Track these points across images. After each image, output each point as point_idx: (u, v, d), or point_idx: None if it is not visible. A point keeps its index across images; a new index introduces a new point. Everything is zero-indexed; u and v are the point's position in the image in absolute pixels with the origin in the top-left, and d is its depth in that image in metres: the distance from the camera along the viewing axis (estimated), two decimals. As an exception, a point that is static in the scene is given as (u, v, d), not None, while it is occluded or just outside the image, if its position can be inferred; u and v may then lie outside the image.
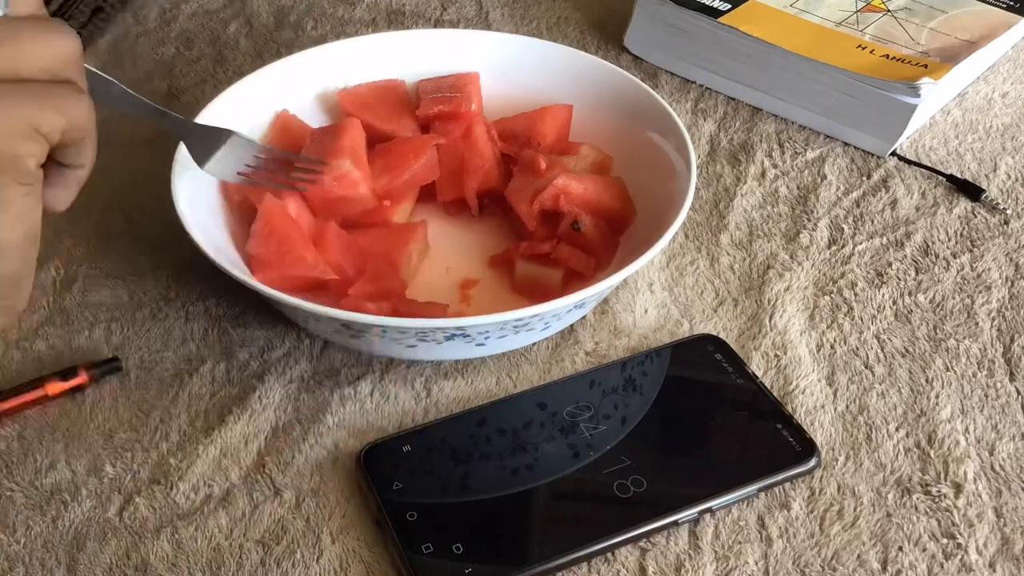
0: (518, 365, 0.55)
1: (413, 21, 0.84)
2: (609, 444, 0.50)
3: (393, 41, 0.68)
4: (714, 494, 0.48)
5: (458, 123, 0.64)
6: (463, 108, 0.64)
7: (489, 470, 0.49)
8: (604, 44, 0.81)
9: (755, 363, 0.56)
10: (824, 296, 0.60)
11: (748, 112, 0.74)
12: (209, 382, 0.54)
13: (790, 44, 0.72)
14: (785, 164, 0.70)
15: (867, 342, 0.57)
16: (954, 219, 0.66)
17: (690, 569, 0.46)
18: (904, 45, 0.73)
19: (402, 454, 0.50)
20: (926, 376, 0.55)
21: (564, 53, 0.68)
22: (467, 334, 0.51)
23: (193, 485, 0.49)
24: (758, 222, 0.65)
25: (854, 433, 0.52)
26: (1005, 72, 0.79)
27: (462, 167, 0.62)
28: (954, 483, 0.50)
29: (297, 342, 0.56)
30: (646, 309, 0.59)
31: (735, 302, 0.59)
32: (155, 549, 0.47)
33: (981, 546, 0.48)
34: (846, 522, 0.48)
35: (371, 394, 0.54)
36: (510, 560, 0.45)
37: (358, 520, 0.48)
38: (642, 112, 0.63)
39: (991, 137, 0.73)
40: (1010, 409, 0.54)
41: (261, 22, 0.83)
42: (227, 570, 0.46)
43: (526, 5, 0.85)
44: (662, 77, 0.78)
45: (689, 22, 0.75)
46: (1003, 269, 0.62)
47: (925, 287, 0.61)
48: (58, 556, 0.46)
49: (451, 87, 0.66)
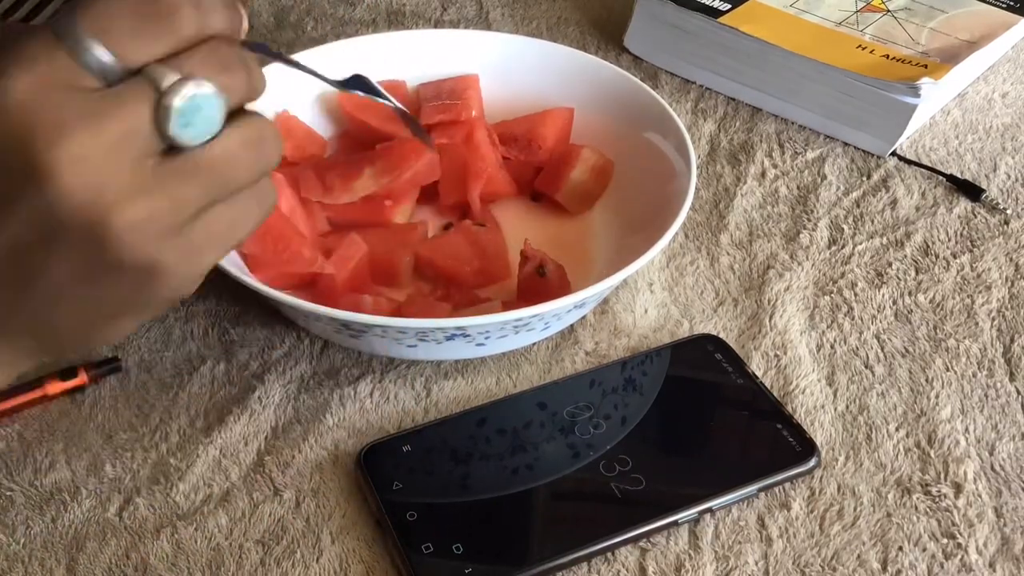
0: (518, 365, 0.55)
1: (413, 21, 0.84)
2: (609, 444, 0.50)
3: (393, 41, 0.68)
4: (714, 494, 0.48)
5: (459, 128, 0.64)
6: (463, 115, 0.64)
7: (489, 470, 0.49)
8: (604, 44, 0.81)
9: (755, 363, 0.56)
10: (824, 296, 0.60)
11: (748, 112, 0.74)
12: (209, 382, 0.54)
13: (790, 44, 0.72)
14: (785, 164, 0.70)
15: (867, 342, 0.57)
16: (954, 219, 0.66)
17: (690, 569, 0.46)
18: (904, 45, 0.73)
19: (402, 454, 0.50)
20: (926, 376, 0.55)
21: (564, 53, 0.68)
22: (467, 334, 0.51)
23: (193, 485, 0.49)
24: (758, 222, 0.65)
25: (854, 433, 0.52)
26: (1005, 72, 0.79)
27: (465, 171, 0.62)
28: (954, 483, 0.50)
29: (297, 342, 0.56)
30: (646, 309, 0.59)
31: (735, 302, 0.59)
32: (155, 549, 0.47)
33: (981, 546, 0.48)
34: (846, 522, 0.48)
35: (371, 394, 0.54)
36: (510, 560, 0.45)
37: (358, 520, 0.48)
38: (642, 112, 0.63)
39: (991, 137, 0.73)
40: (1010, 409, 0.54)
41: (261, 22, 0.83)
42: (227, 570, 0.46)
43: (526, 5, 0.85)
44: (662, 77, 0.78)
45: (689, 22, 0.75)
46: (1003, 269, 0.62)
47: (925, 287, 0.61)
48: (58, 556, 0.46)
49: (451, 92, 0.65)
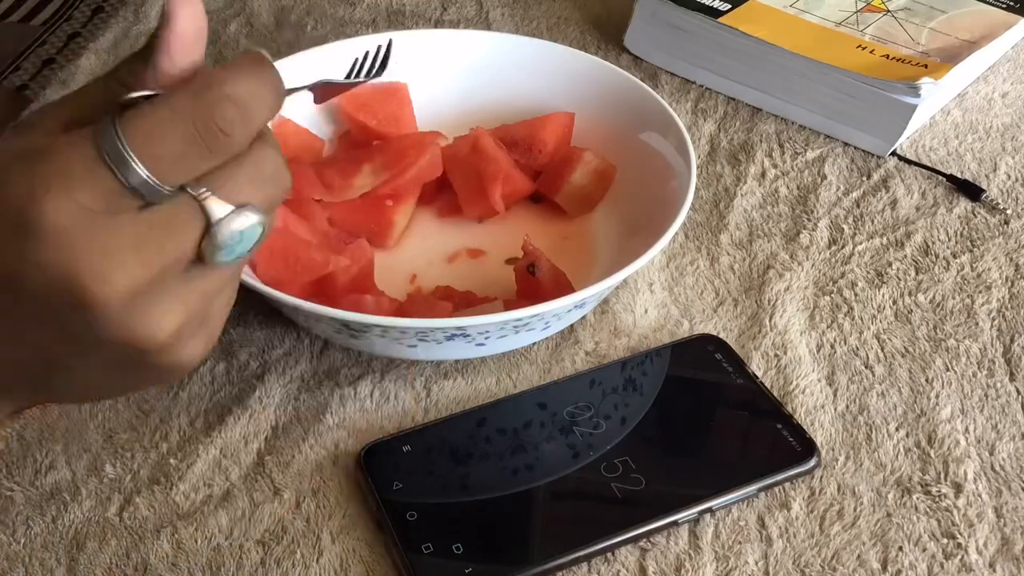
0: (518, 365, 0.55)
1: (413, 21, 0.84)
2: (609, 444, 0.50)
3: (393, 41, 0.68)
4: (714, 494, 0.48)
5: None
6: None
7: (489, 470, 0.49)
8: (604, 44, 0.81)
9: (755, 363, 0.56)
10: (824, 296, 0.60)
11: (748, 112, 0.74)
12: (209, 382, 0.54)
13: (790, 44, 0.72)
14: (785, 164, 0.70)
15: (867, 342, 0.57)
16: (954, 219, 0.66)
17: (690, 569, 0.46)
18: (904, 45, 0.73)
19: (402, 454, 0.50)
20: (926, 376, 0.55)
21: (564, 54, 0.68)
22: (467, 334, 0.51)
23: (193, 485, 0.49)
24: (758, 222, 0.65)
25: (854, 433, 0.52)
26: (1005, 72, 0.79)
27: (480, 179, 0.62)
28: (954, 483, 0.50)
29: (297, 342, 0.56)
30: (646, 309, 0.59)
31: (735, 302, 0.59)
32: (155, 549, 0.47)
33: (981, 546, 0.48)
34: (846, 522, 0.48)
35: (371, 394, 0.54)
36: (510, 560, 0.45)
37: (358, 520, 0.48)
38: (642, 112, 0.63)
39: (991, 137, 0.73)
40: (1010, 409, 0.54)
41: (261, 22, 0.83)
42: (227, 570, 0.46)
43: (526, 5, 0.85)
44: (662, 77, 0.78)
45: (689, 22, 0.75)
46: (1003, 269, 0.62)
47: (925, 287, 0.61)
48: (58, 556, 0.46)
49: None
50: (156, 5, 0.85)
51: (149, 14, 0.84)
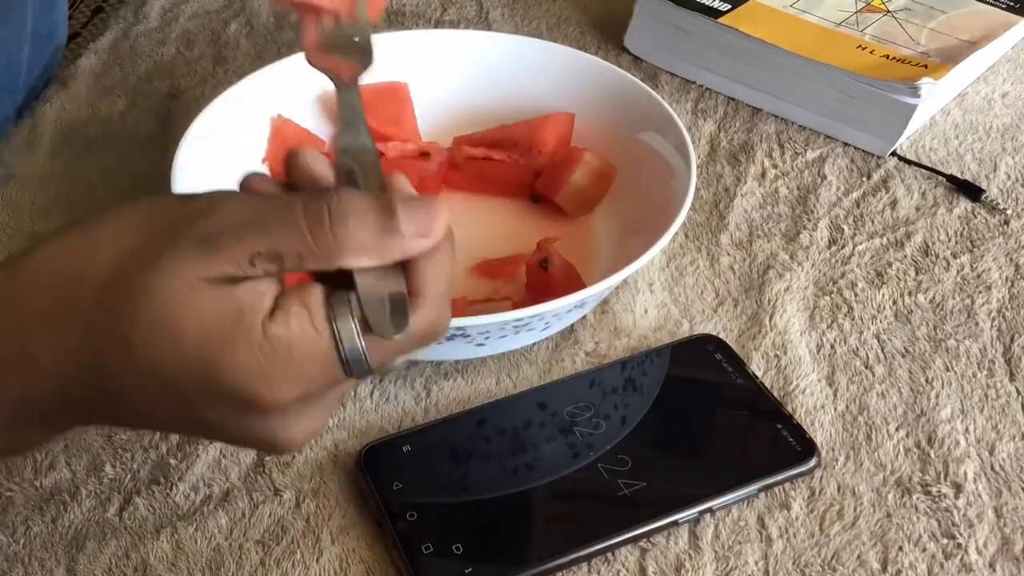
0: (518, 365, 0.55)
1: (413, 21, 0.84)
2: (609, 444, 0.50)
3: (393, 41, 0.68)
4: (714, 494, 0.48)
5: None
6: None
7: (489, 470, 0.49)
8: (604, 44, 0.81)
9: (755, 363, 0.56)
10: (824, 296, 0.60)
11: (748, 112, 0.74)
12: (209, 382, 0.54)
13: (790, 44, 0.72)
14: (785, 164, 0.70)
15: (867, 342, 0.57)
16: (954, 219, 0.66)
17: (690, 569, 0.46)
18: (904, 45, 0.73)
19: (402, 454, 0.50)
20: (926, 376, 0.55)
21: (564, 54, 0.68)
22: (467, 334, 0.51)
23: (193, 485, 0.49)
24: (758, 222, 0.65)
25: (854, 433, 0.52)
26: (1005, 72, 0.79)
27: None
28: (954, 483, 0.50)
29: (297, 342, 0.56)
30: (646, 309, 0.59)
31: (735, 302, 0.59)
32: (155, 549, 0.47)
33: (981, 546, 0.48)
34: (846, 522, 0.48)
35: (371, 394, 0.54)
36: (510, 560, 0.45)
37: (358, 520, 0.48)
38: (642, 112, 0.63)
39: (991, 137, 0.73)
40: (1010, 409, 0.54)
41: (261, 22, 0.83)
42: (227, 570, 0.46)
43: (526, 5, 0.85)
44: (662, 77, 0.78)
45: (689, 22, 0.75)
46: (1003, 269, 0.62)
47: (925, 287, 0.61)
48: (58, 556, 0.46)
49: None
50: (156, 5, 0.85)
51: (149, 14, 0.84)
